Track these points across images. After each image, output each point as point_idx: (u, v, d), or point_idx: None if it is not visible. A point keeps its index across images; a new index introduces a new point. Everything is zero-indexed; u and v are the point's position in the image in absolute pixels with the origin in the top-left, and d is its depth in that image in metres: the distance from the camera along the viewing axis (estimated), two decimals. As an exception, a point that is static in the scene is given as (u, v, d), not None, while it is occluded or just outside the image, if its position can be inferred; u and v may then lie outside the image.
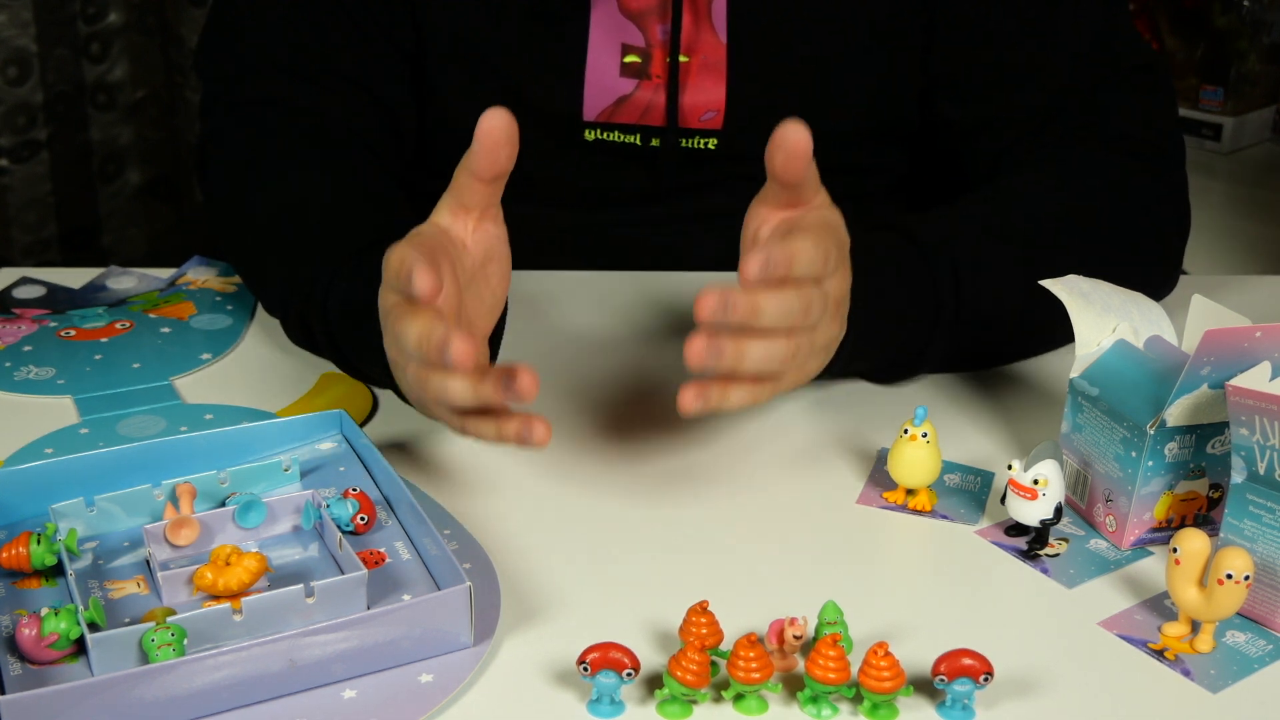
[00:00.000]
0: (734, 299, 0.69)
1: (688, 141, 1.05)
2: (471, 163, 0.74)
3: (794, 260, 0.71)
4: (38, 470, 0.75)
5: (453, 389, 0.69)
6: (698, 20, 1.01)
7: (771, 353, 0.72)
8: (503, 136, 0.73)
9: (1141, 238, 0.97)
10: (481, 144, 0.73)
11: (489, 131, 0.73)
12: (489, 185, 0.75)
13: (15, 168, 1.86)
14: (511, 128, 0.73)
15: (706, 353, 0.70)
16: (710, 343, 0.70)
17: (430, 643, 0.66)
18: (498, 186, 0.76)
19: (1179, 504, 0.76)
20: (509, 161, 0.74)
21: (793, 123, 0.73)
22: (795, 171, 0.74)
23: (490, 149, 0.73)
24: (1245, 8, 1.75)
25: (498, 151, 0.73)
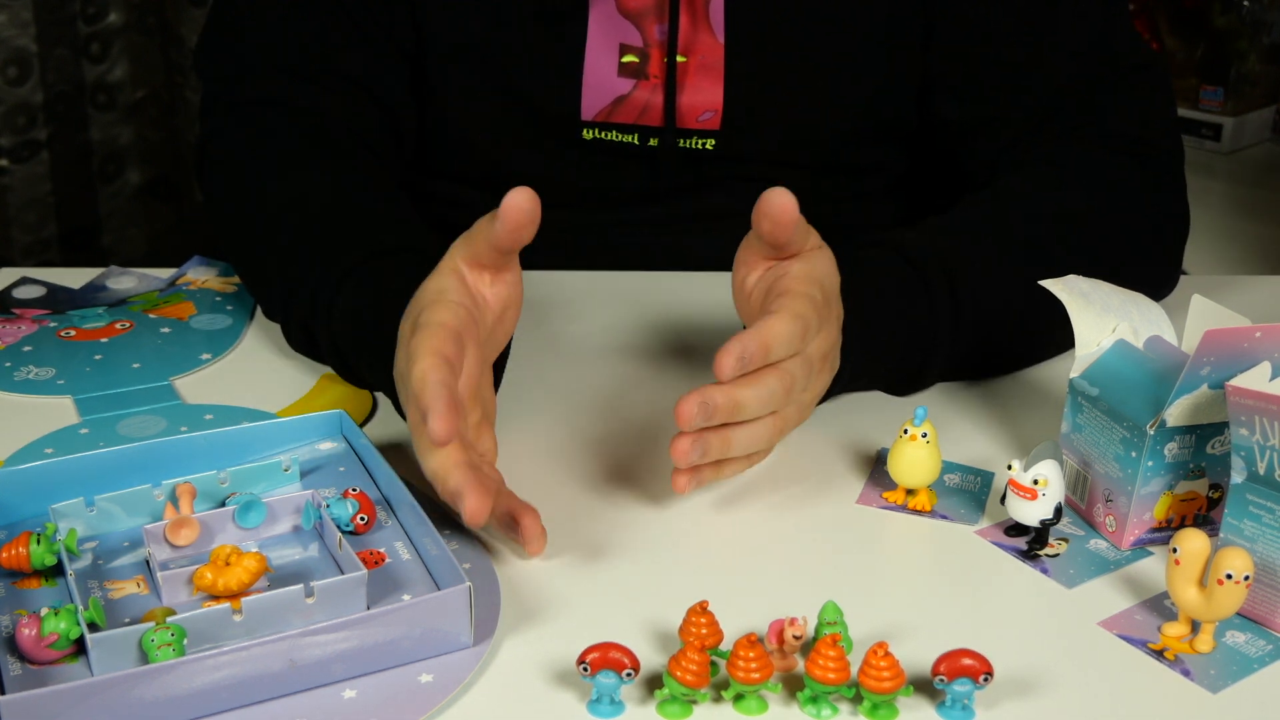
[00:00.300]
0: (713, 401, 0.71)
1: (685, 142, 1.05)
2: (494, 236, 0.74)
3: (769, 349, 0.72)
4: (38, 470, 0.75)
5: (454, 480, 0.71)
6: (695, 20, 1.01)
7: (757, 434, 0.75)
8: (527, 218, 0.73)
9: (1141, 238, 0.97)
10: (505, 224, 0.73)
11: (514, 211, 0.73)
12: (507, 255, 0.76)
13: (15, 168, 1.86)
14: (535, 208, 0.73)
15: (693, 451, 0.72)
16: (695, 441, 0.72)
17: (430, 643, 0.66)
18: (516, 253, 0.76)
19: (1179, 504, 0.76)
20: (530, 238, 0.74)
21: (777, 190, 0.75)
22: (782, 237, 0.76)
23: (513, 230, 0.73)
24: (1245, 8, 1.75)
25: (521, 232, 0.74)
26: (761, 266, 0.79)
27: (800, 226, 0.76)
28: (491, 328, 0.78)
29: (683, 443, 0.72)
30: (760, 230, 0.76)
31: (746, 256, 0.80)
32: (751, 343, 0.71)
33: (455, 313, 0.74)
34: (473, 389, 0.76)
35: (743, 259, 0.80)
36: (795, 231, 0.76)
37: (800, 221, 0.76)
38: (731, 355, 0.71)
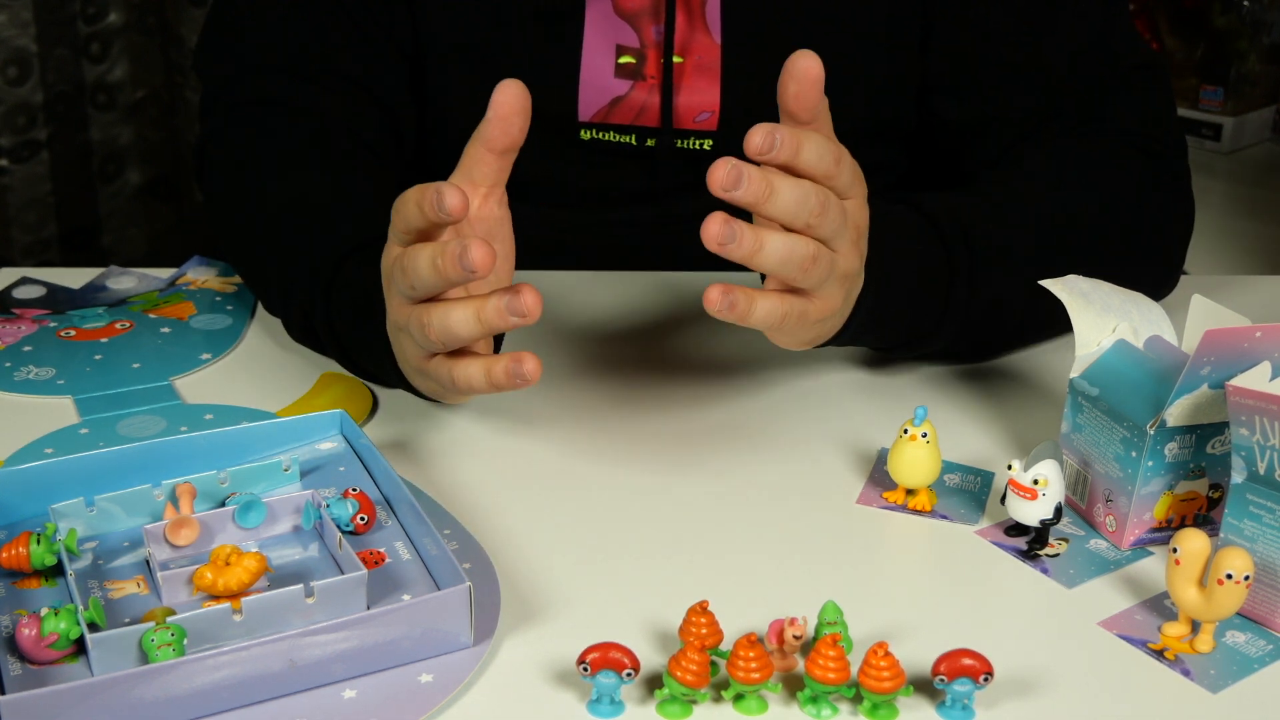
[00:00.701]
0: (748, 171, 0.68)
1: (683, 142, 1.05)
2: (484, 132, 0.74)
3: (802, 144, 0.69)
4: (38, 470, 0.75)
5: (455, 317, 0.70)
6: (691, 21, 1.01)
7: (793, 246, 0.70)
8: (516, 106, 0.73)
9: (1143, 235, 0.97)
10: (495, 113, 0.73)
11: (503, 102, 0.73)
12: (499, 158, 0.75)
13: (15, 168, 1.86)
14: (525, 99, 0.73)
15: (724, 230, 0.68)
16: (728, 220, 0.68)
17: (430, 643, 0.66)
18: (507, 161, 0.75)
19: (1179, 504, 0.76)
20: (521, 134, 0.73)
21: (803, 53, 0.71)
22: (809, 101, 0.72)
23: (504, 118, 0.73)
24: (1245, 8, 1.75)
25: (511, 121, 0.73)
26: None
27: (823, 105, 0.73)
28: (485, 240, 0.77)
29: (715, 219, 0.68)
30: (785, 95, 0.72)
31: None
32: (785, 130, 0.68)
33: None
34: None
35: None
36: (820, 102, 0.73)
37: (825, 100, 0.73)
38: (763, 128, 0.68)
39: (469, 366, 0.72)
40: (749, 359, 0.94)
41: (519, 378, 0.70)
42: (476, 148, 0.75)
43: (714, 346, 0.97)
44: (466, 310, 0.70)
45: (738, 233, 0.69)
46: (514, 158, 0.75)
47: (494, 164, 0.75)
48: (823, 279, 0.73)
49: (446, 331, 0.71)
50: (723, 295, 0.70)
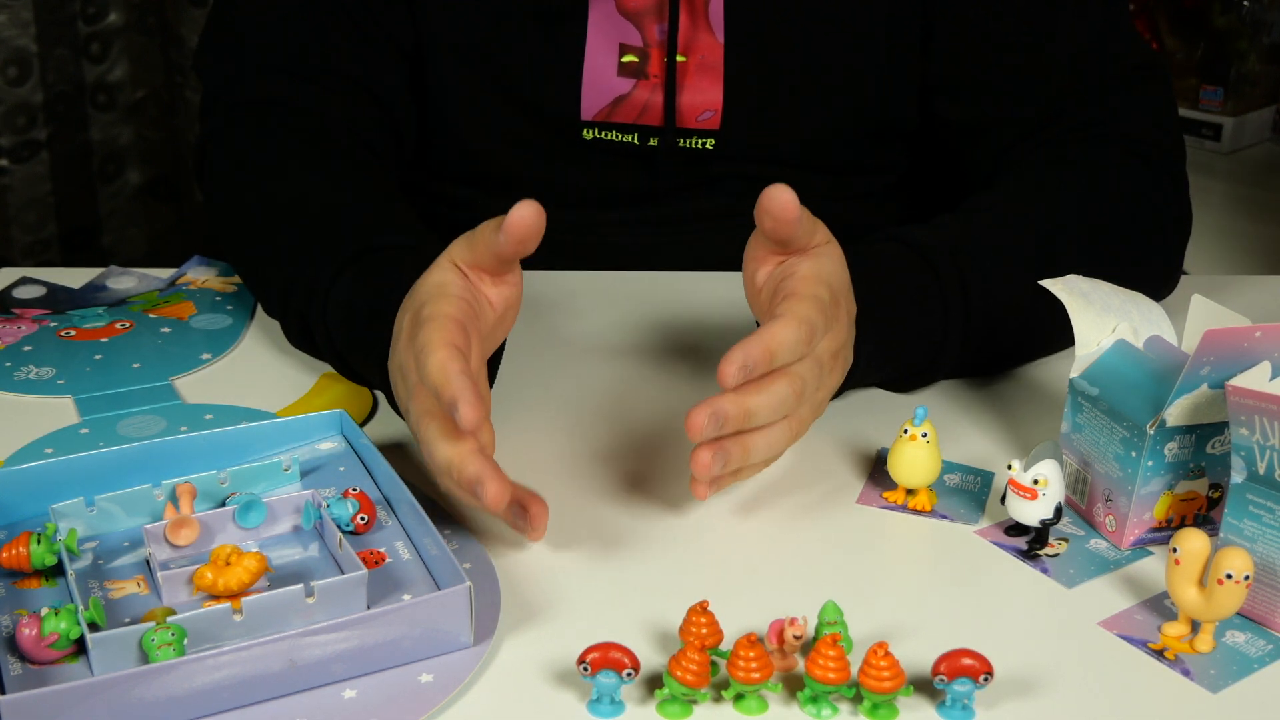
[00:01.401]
0: (724, 412, 0.70)
1: (685, 141, 1.05)
2: (497, 245, 0.74)
3: (774, 355, 0.71)
4: (38, 470, 0.75)
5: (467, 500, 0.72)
6: (695, 20, 1.01)
7: (775, 439, 0.74)
8: (532, 231, 0.73)
9: (1145, 236, 0.97)
10: (510, 235, 0.73)
11: (519, 224, 0.72)
12: (509, 263, 0.76)
13: (15, 168, 1.86)
14: (540, 222, 0.73)
15: (714, 463, 0.72)
16: (716, 452, 0.71)
17: (430, 643, 0.66)
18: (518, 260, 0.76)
19: (1179, 504, 0.76)
20: (532, 249, 0.74)
21: (778, 187, 0.74)
22: (785, 233, 0.75)
23: (518, 241, 0.73)
24: (1245, 8, 1.75)
25: (524, 244, 0.73)
26: (770, 262, 0.78)
27: (804, 222, 0.76)
28: (492, 326, 0.78)
29: (704, 455, 0.71)
30: (763, 228, 0.76)
31: (755, 252, 0.79)
32: (755, 349, 0.71)
33: (458, 306, 0.73)
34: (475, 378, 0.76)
35: (751, 255, 0.80)
36: (798, 228, 0.75)
37: (804, 216, 0.75)
38: (734, 364, 0.70)
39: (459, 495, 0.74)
40: (749, 359, 0.94)
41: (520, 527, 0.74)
42: (487, 249, 0.74)
43: (717, 346, 0.97)
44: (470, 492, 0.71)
45: (726, 456, 0.72)
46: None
47: (502, 266, 0.76)
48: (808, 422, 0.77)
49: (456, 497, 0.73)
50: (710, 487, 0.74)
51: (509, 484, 0.69)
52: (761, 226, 0.76)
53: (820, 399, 0.78)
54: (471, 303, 0.75)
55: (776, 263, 0.78)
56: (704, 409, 0.70)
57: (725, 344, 0.96)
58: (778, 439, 0.74)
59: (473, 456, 0.70)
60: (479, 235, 0.75)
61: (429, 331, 0.71)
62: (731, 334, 0.97)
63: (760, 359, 0.71)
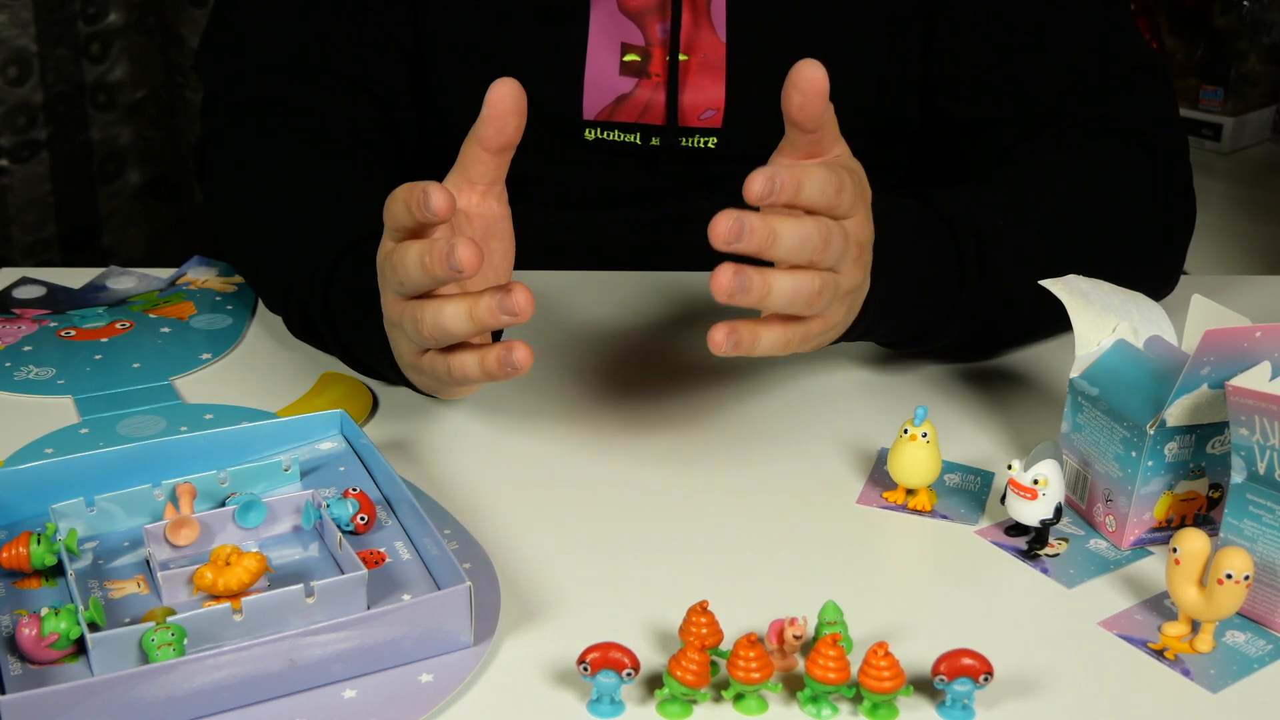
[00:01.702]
0: (750, 222, 0.68)
1: (687, 140, 1.05)
2: (479, 131, 0.73)
3: (802, 183, 0.69)
4: (38, 470, 0.75)
5: (448, 315, 0.70)
6: (697, 19, 1.01)
7: (799, 286, 0.71)
8: (512, 105, 0.72)
9: (1145, 235, 0.97)
10: (490, 112, 0.72)
11: (498, 100, 0.72)
12: (495, 156, 0.75)
13: (15, 168, 1.86)
14: (520, 98, 0.72)
15: (734, 282, 0.69)
16: (737, 271, 0.69)
17: (430, 643, 0.66)
18: (503, 159, 0.75)
19: (1179, 504, 0.76)
20: (516, 133, 0.73)
21: (808, 62, 0.71)
22: (813, 111, 0.72)
23: (499, 117, 0.72)
24: (1245, 8, 1.75)
25: (506, 120, 0.72)
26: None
27: (829, 112, 0.73)
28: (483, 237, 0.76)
29: (724, 271, 0.68)
30: (790, 106, 0.72)
31: (776, 159, 0.77)
32: (784, 171, 0.68)
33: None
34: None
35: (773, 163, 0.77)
36: (826, 109, 0.72)
37: (829, 107, 0.73)
38: (762, 174, 0.68)
39: (464, 356, 0.72)
40: (750, 360, 0.94)
41: (509, 365, 0.70)
42: (472, 146, 0.75)
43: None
44: (459, 307, 0.70)
45: (746, 283, 0.69)
46: (511, 155, 0.75)
47: (490, 162, 0.75)
48: (827, 306, 0.73)
49: (439, 328, 0.70)
50: (728, 335, 0.71)
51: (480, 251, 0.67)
52: (789, 105, 0.72)
53: (844, 287, 0.74)
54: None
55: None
56: (730, 211, 0.67)
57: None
58: (801, 286, 0.71)
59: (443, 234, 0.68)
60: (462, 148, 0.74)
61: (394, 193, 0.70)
62: (731, 334, 0.97)
63: (788, 181, 0.68)
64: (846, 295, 0.75)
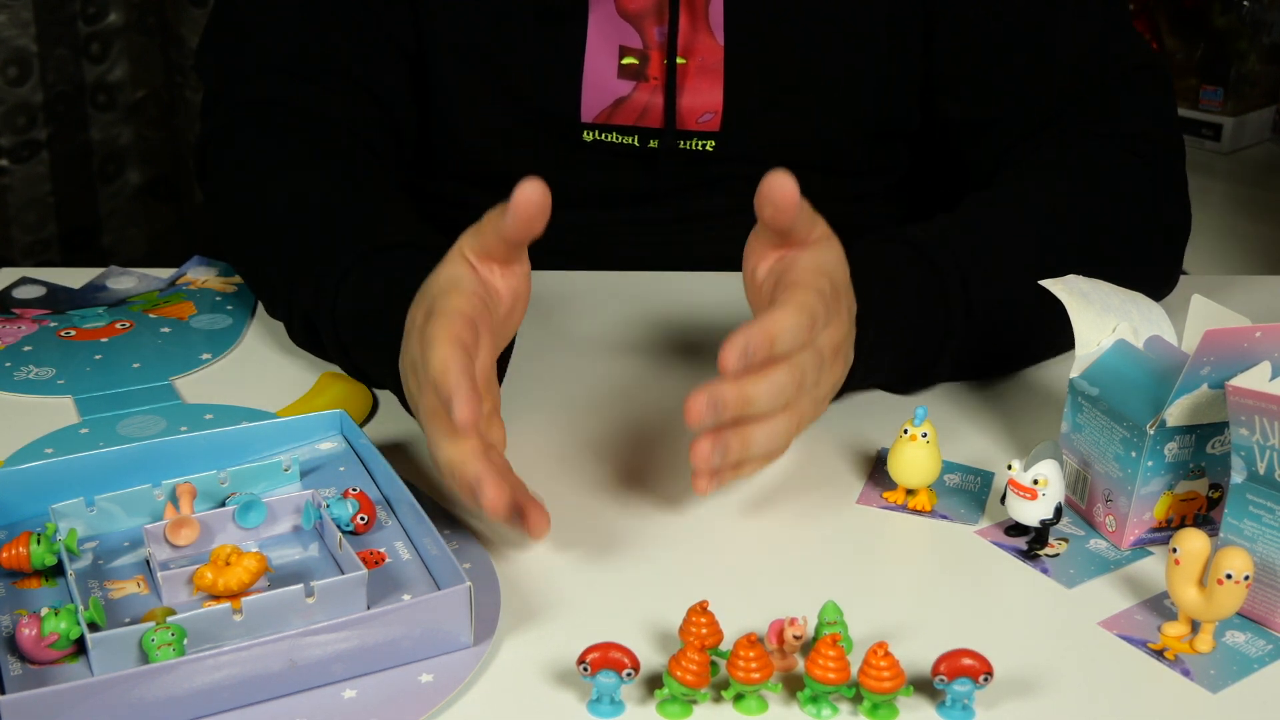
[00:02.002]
0: (722, 397, 0.70)
1: (686, 143, 1.05)
2: (504, 228, 0.73)
3: (774, 341, 0.71)
4: (38, 470, 0.75)
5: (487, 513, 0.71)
6: (695, 22, 1.01)
7: (775, 431, 0.73)
8: (538, 210, 0.72)
9: (1145, 236, 0.97)
10: (516, 214, 0.72)
11: (525, 203, 0.72)
12: (517, 248, 0.75)
13: (15, 168, 1.86)
14: (546, 199, 0.72)
15: (713, 453, 0.71)
16: (715, 441, 0.71)
17: (430, 643, 0.66)
18: (525, 245, 0.76)
19: (1179, 504, 0.76)
20: (540, 230, 0.74)
21: (778, 173, 0.73)
22: (784, 221, 0.75)
23: (525, 221, 0.73)
24: (1245, 8, 1.75)
25: (533, 224, 0.73)
26: (770, 256, 0.78)
27: (804, 212, 0.75)
28: (502, 319, 0.77)
29: (703, 446, 0.71)
30: (763, 216, 0.75)
31: (755, 247, 0.79)
32: (756, 335, 0.70)
33: (470, 300, 0.73)
34: (485, 378, 0.76)
35: (751, 249, 0.79)
36: (798, 217, 0.74)
37: (804, 207, 0.75)
38: (735, 348, 0.69)
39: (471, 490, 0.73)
40: (749, 359, 0.94)
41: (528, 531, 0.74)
42: (494, 234, 0.74)
43: (715, 347, 0.97)
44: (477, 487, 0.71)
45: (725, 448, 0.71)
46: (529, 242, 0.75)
47: (510, 251, 0.75)
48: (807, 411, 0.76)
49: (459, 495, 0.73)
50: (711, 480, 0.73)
51: (508, 488, 0.69)
52: (761, 214, 0.75)
53: (821, 394, 0.77)
54: (483, 296, 0.74)
55: (776, 257, 0.78)
56: (702, 394, 0.69)
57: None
58: (778, 431, 0.73)
59: (474, 457, 0.70)
60: (485, 223, 0.75)
61: (436, 326, 0.71)
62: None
63: (761, 344, 0.70)
64: (826, 398, 0.78)
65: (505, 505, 0.69)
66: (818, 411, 0.78)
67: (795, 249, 0.77)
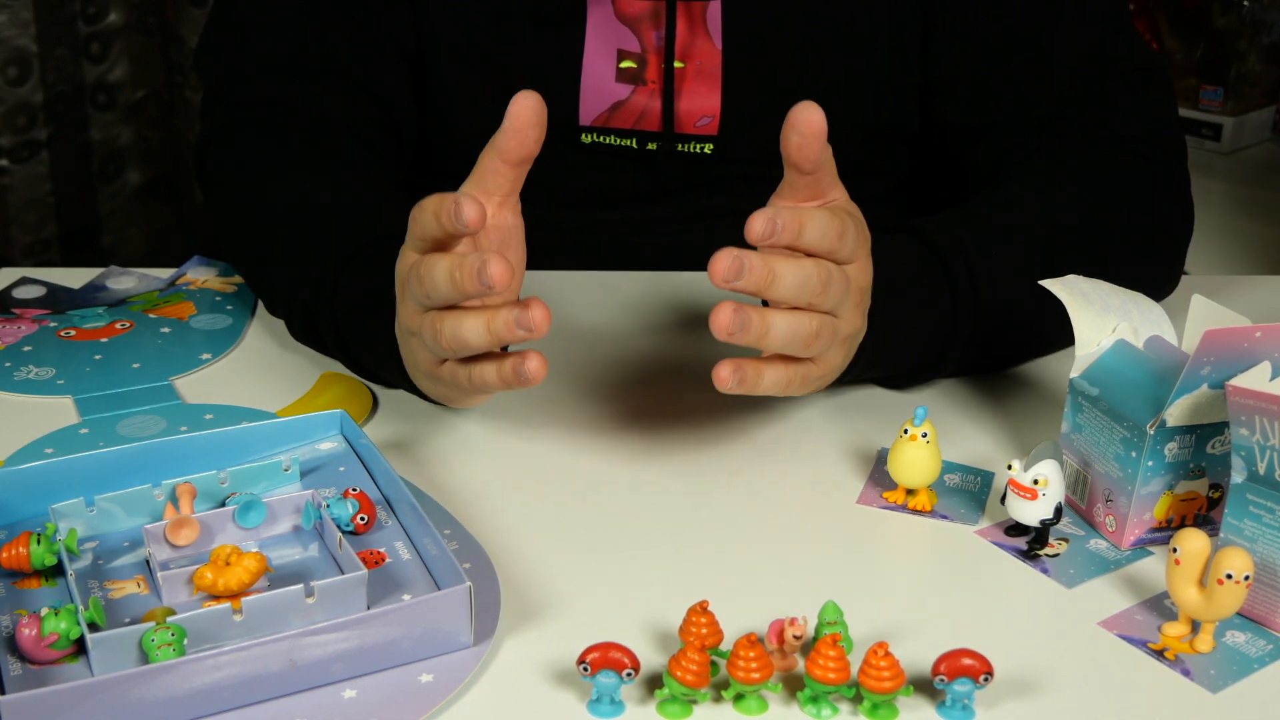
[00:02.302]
0: (749, 260, 0.68)
1: (684, 146, 1.05)
2: (500, 143, 0.73)
3: (804, 225, 0.69)
4: (38, 470, 0.75)
5: (467, 328, 0.70)
6: (693, 26, 1.01)
7: (796, 326, 0.71)
8: (533, 118, 0.72)
9: (1148, 238, 0.97)
10: (512, 124, 0.73)
11: (520, 113, 0.72)
12: (515, 168, 0.75)
13: (15, 168, 1.86)
14: (541, 110, 0.72)
15: (733, 320, 0.69)
16: (736, 309, 0.69)
17: (430, 643, 0.66)
18: (522, 171, 0.75)
19: (1179, 504, 0.76)
20: (537, 145, 0.73)
21: (806, 104, 0.72)
22: (811, 152, 0.72)
23: (520, 129, 0.73)
24: (1245, 8, 1.75)
25: (527, 133, 0.73)
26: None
27: (827, 153, 0.73)
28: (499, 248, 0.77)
29: (724, 311, 0.69)
30: (788, 146, 0.73)
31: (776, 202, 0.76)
32: (786, 213, 0.69)
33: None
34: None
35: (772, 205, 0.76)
36: (823, 153, 0.73)
37: (828, 148, 0.73)
38: (763, 215, 0.68)
39: (483, 367, 0.73)
40: (749, 359, 0.94)
41: (524, 376, 0.71)
42: (491, 158, 0.74)
43: (714, 347, 0.97)
44: (478, 321, 0.70)
45: (745, 321, 0.69)
46: (529, 167, 0.75)
47: (509, 174, 0.75)
48: (825, 349, 0.74)
49: (458, 340, 0.71)
50: (733, 373, 0.71)
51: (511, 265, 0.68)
52: (787, 145, 0.73)
53: (842, 332, 0.75)
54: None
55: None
56: (729, 250, 0.68)
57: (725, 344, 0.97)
58: (800, 327, 0.71)
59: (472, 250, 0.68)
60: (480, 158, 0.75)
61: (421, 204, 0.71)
62: (731, 334, 0.97)
63: (789, 223, 0.69)
64: (845, 339, 0.76)
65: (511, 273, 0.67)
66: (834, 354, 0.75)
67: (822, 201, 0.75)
